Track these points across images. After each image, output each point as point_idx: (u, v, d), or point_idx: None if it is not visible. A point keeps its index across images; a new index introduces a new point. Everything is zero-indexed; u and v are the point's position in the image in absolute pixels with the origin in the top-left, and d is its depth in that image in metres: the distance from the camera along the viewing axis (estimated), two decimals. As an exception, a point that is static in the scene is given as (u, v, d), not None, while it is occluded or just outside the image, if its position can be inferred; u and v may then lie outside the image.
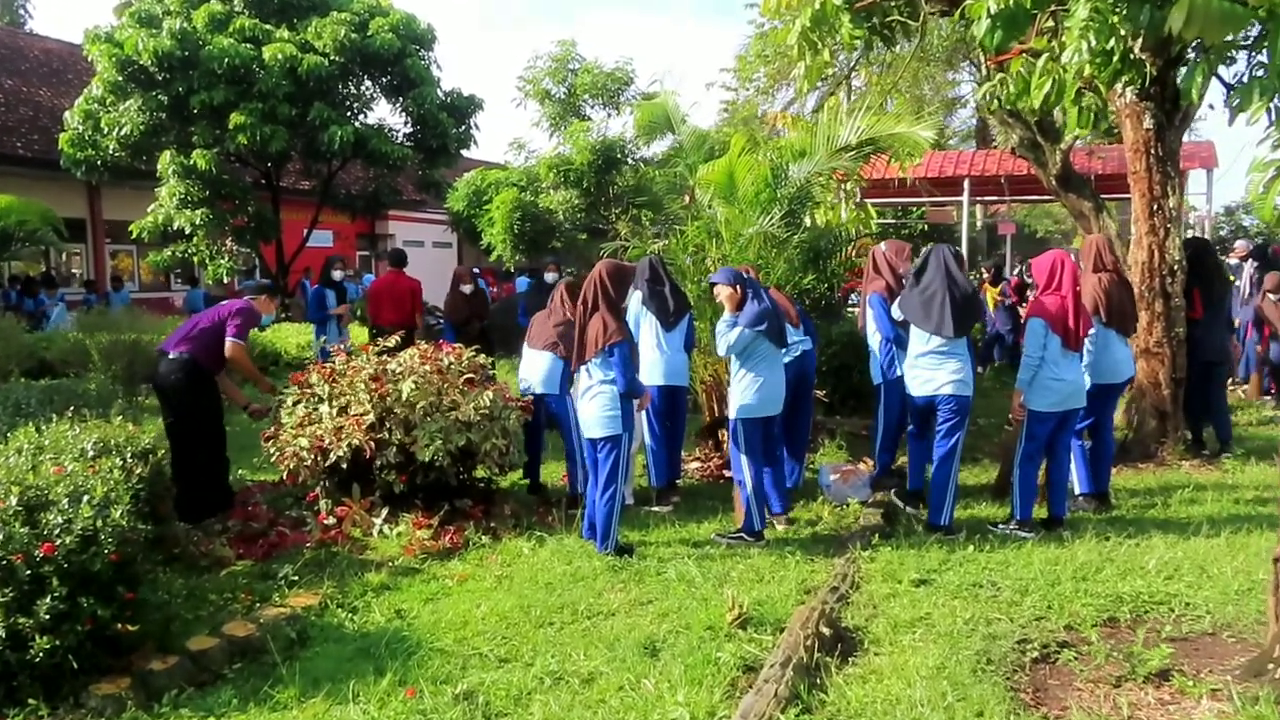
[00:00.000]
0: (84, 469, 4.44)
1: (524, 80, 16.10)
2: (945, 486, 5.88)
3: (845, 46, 9.35)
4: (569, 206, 15.02)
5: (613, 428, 5.45)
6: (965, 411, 5.91)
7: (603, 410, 5.47)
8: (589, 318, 5.47)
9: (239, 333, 6.25)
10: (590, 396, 5.52)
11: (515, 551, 5.65)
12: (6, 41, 22.50)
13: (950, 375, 5.82)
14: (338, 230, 22.84)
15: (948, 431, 5.87)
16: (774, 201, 7.41)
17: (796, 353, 6.32)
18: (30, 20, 35.44)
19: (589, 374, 5.51)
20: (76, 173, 15.92)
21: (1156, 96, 7.57)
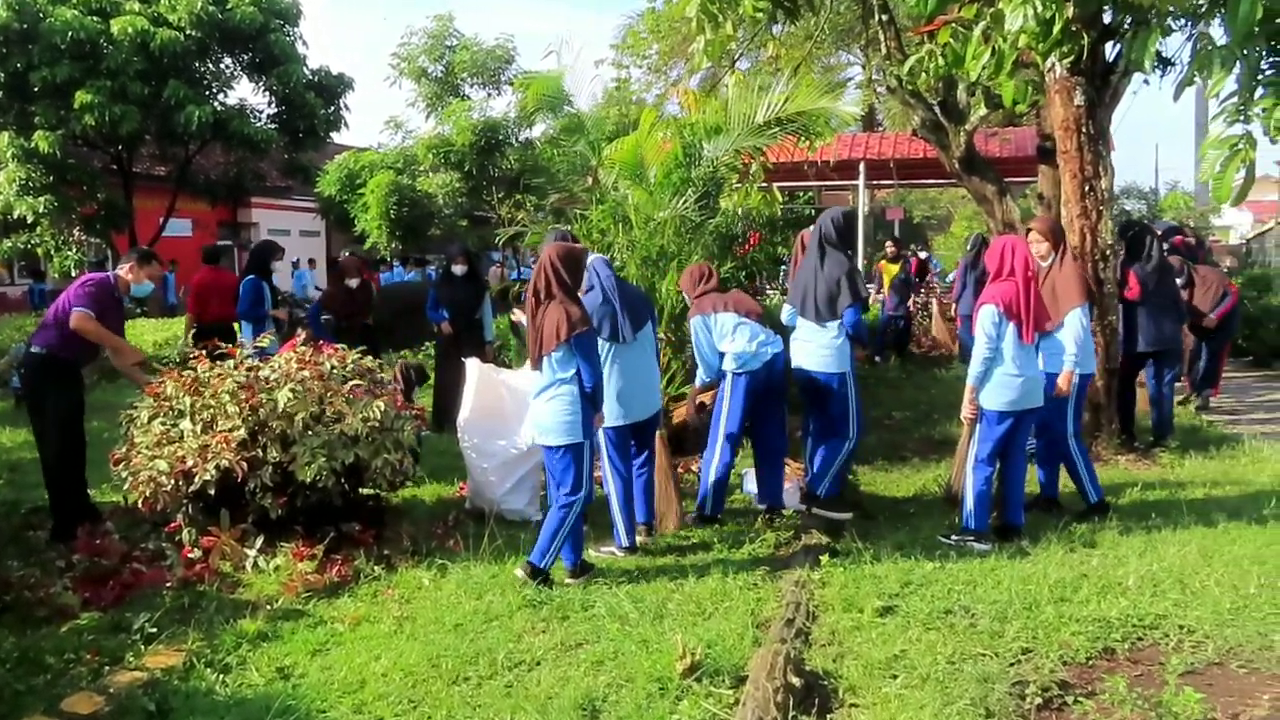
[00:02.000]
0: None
1: (398, 58, 15.14)
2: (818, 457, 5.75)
3: (747, 19, 8.89)
4: (449, 190, 14.18)
5: (572, 434, 4.82)
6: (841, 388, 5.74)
7: (562, 414, 4.82)
8: (543, 308, 4.82)
9: (86, 302, 5.53)
10: (547, 398, 4.86)
11: (414, 584, 4.93)
12: None
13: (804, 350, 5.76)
14: (197, 218, 21.32)
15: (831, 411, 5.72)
16: (687, 183, 6.85)
17: (766, 356, 5.77)
18: None
19: (548, 371, 4.85)
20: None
21: (1087, 71, 7.27)
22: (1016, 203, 11.46)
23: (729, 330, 5.81)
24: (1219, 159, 5.86)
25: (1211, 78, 5.68)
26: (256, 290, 8.50)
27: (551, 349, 4.77)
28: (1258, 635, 4.07)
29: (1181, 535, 5.49)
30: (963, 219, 32.40)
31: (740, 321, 5.80)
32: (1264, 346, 12.81)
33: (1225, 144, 5.78)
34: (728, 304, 5.87)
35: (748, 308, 5.86)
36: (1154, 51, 5.90)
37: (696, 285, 6.05)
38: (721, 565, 5.14)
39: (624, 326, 5.33)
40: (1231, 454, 7.65)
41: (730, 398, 5.86)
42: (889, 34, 9.98)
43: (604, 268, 5.49)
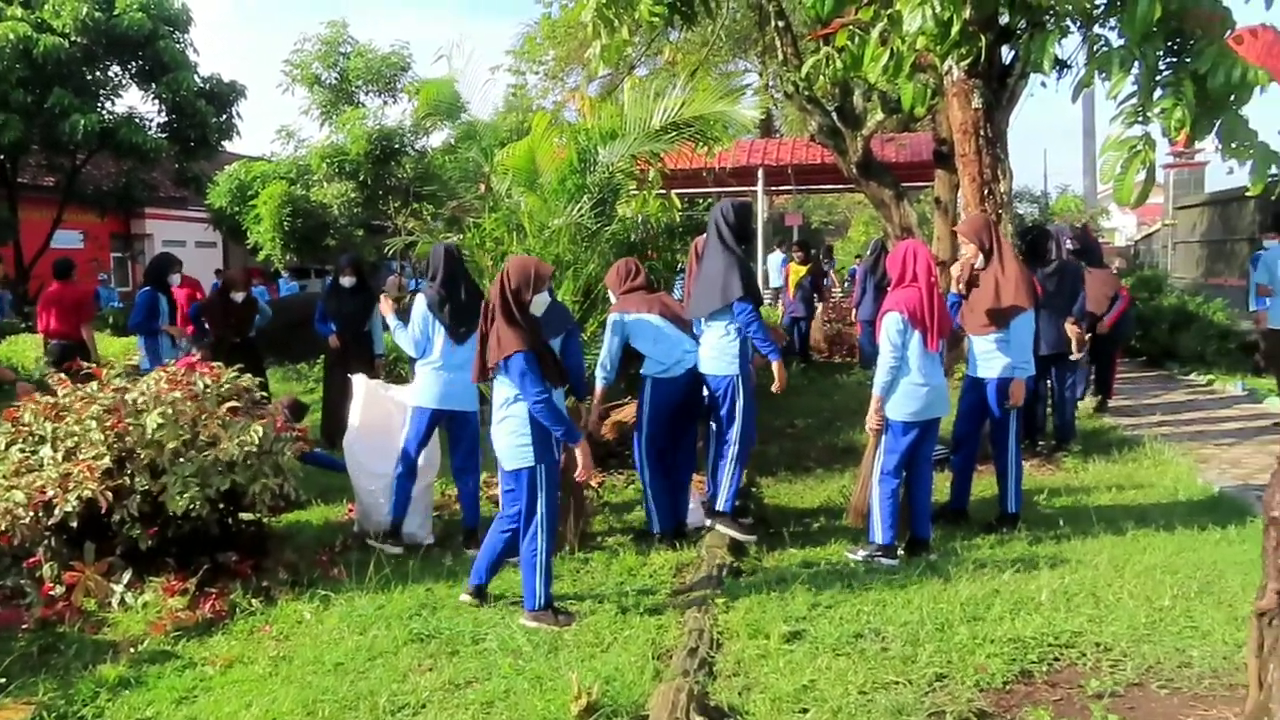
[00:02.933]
0: None
1: (291, 64, 14.61)
2: (724, 468, 5.55)
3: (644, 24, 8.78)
4: (344, 200, 13.73)
5: (524, 458, 4.51)
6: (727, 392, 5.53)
7: (513, 437, 4.52)
8: (490, 324, 4.56)
9: None
10: (498, 419, 4.58)
11: (294, 618, 4.64)
12: None
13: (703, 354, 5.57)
14: (87, 230, 20.37)
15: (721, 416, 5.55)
16: (582, 189, 6.67)
17: (689, 363, 5.60)
18: None
19: (498, 389, 4.59)
20: None
21: (984, 74, 7.28)
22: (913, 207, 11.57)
23: (650, 334, 5.66)
24: (1119, 160, 5.80)
25: (1111, 78, 5.61)
26: (151, 303, 8.10)
27: (491, 370, 4.56)
28: (1175, 651, 3.92)
29: (1092, 545, 5.41)
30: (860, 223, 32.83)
31: (664, 325, 5.64)
32: (1156, 347, 13.04)
33: (1125, 145, 5.69)
34: (653, 306, 5.69)
35: (674, 312, 5.69)
36: (1052, 53, 5.91)
37: (623, 282, 5.86)
38: (620, 591, 4.94)
39: None
40: (1133, 457, 7.67)
41: (649, 404, 5.71)
42: (785, 39, 9.98)
43: None
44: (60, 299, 8.83)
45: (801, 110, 10.86)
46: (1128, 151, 5.63)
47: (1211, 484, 6.84)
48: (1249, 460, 7.71)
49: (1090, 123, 25.27)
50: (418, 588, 4.95)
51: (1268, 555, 2.92)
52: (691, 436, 5.89)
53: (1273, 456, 7.56)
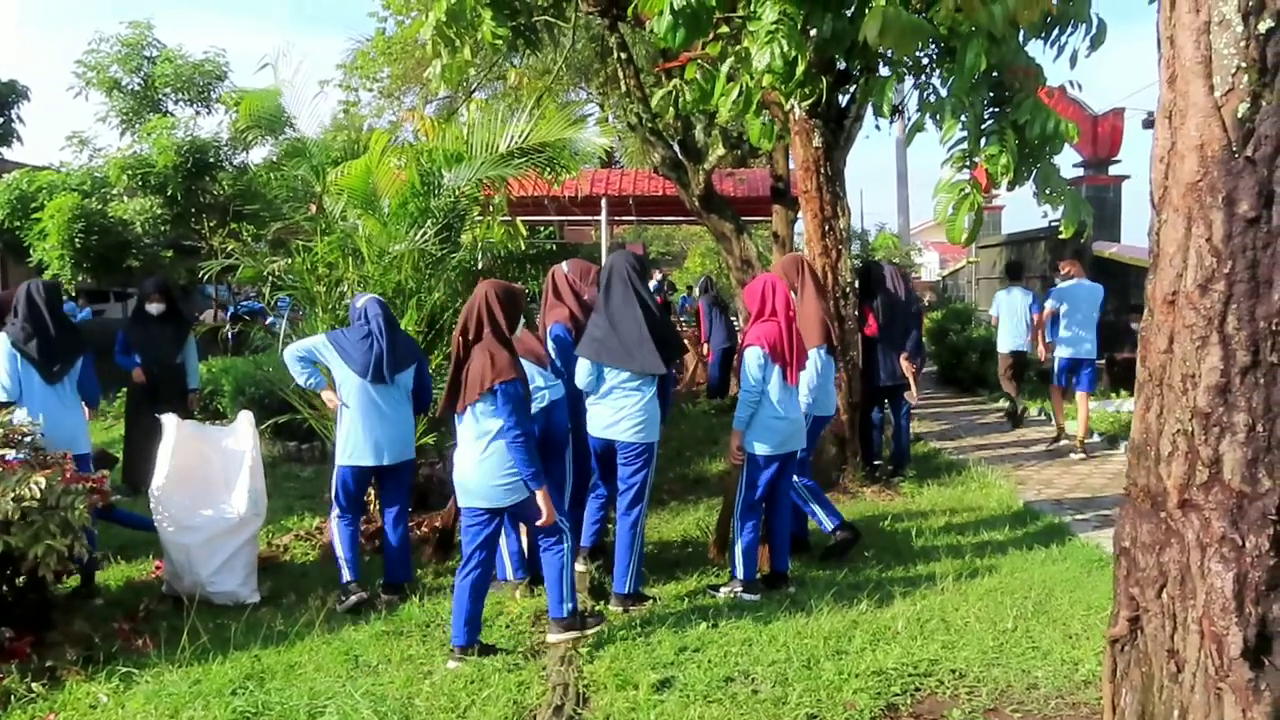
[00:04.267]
0: None
1: (85, 66, 13.24)
2: (631, 546, 5.06)
3: (486, 45, 8.43)
4: (149, 217, 12.48)
5: (510, 495, 4.32)
6: (645, 460, 5.11)
7: (496, 475, 4.29)
8: (468, 351, 4.31)
9: None
10: (476, 458, 4.30)
11: (88, 703, 3.91)
12: None
13: (632, 416, 5.01)
14: None
15: (629, 479, 5.08)
16: (426, 214, 6.19)
17: (543, 401, 5.11)
18: None
19: (470, 424, 4.32)
20: None
21: (824, 115, 7.40)
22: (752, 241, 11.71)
23: None
24: (951, 202, 6.19)
25: (943, 124, 5.96)
26: None
27: (475, 399, 4.25)
28: (1022, 674, 4.09)
29: (936, 568, 5.59)
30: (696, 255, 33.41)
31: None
32: (969, 374, 13.94)
33: (955, 189, 6.15)
34: None
35: (526, 347, 5.26)
36: (890, 98, 6.08)
37: None
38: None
39: (387, 365, 5.09)
40: (961, 480, 8.08)
41: None
42: (628, 71, 9.88)
43: (375, 307, 5.19)
44: None
45: (645, 143, 10.77)
46: (958, 194, 5.95)
47: (1032, 505, 7.29)
48: (1059, 480, 8.30)
49: (903, 167, 26.73)
50: (241, 656, 4.33)
51: (1119, 584, 3.03)
52: (555, 479, 5.49)
53: (1076, 476, 8.22)
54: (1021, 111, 5.90)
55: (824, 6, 5.87)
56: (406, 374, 5.27)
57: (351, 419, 5.11)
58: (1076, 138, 6.21)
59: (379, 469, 5.20)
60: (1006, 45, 5.81)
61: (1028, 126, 5.86)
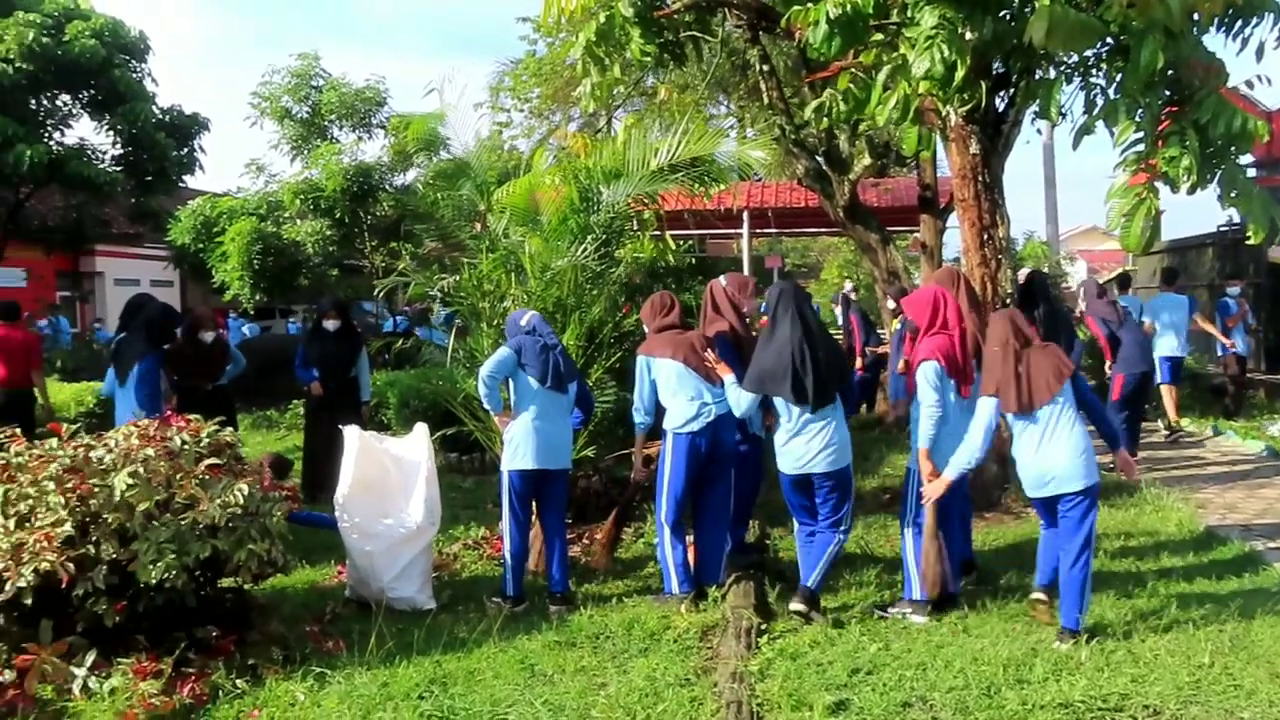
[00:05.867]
0: None
1: (259, 97, 14.15)
2: (824, 555, 5.07)
3: (635, 63, 8.55)
4: (319, 238, 13.21)
5: None
6: (845, 486, 5.10)
7: (1084, 448, 4.66)
8: (1028, 352, 4.77)
9: None
10: (1069, 440, 4.64)
11: (286, 700, 4.13)
12: None
13: (821, 448, 4.95)
14: (31, 267, 19.53)
15: (836, 507, 5.07)
16: (586, 230, 6.32)
17: (709, 417, 5.20)
18: None
19: (1054, 416, 4.68)
20: None
21: (981, 120, 7.19)
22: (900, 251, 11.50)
23: (672, 382, 5.30)
24: (1126, 207, 5.87)
25: (1117, 126, 5.68)
26: (155, 371, 6.81)
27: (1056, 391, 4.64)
28: (1226, 714, 3.84)
29: (1115, 596, 5.30)
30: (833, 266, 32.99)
31: (684, 374, 5.27)
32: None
33: (1130, 194, 5.81)
34: (679, 350, 5.31)
35: (698, 361, 5.30)
36: (1058, 100, 5.85)
37: (655, 316, 5.53)
38: (646, 656, 4.56)
39: (566, 372, 5.35)
40: (1133, 502, 7.59)
41: (670, 460, 5.33)
42: (770, 84, 9.85)
43: (544, 323, 5.48)
44: (6, 344, 8.05)
45: (788, 154, 10.71)
46: (1133, 199, 5.63)
47: (1216, 530, 6.78)
48: (1244, 504, 7.70)
49: (1051, 171, 25.61)
50: (424, 661, 4.49)
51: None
52: (720, 495, 5.51)
53: (1263, 500, 7.66)
54: (1203, 110, 5.56)
55: (984, 9, 5.71)
56: (573, 385, 5.45)
57: (523, 425, 5.28)
58: (1267, 136, 5.84)
59: (542, 475, 5.34)
60: (1184, 40, 5.52)
61: (1210, 126, 5.53)
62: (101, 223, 16.81)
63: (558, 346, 5.37)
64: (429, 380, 8.82)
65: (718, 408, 5.22)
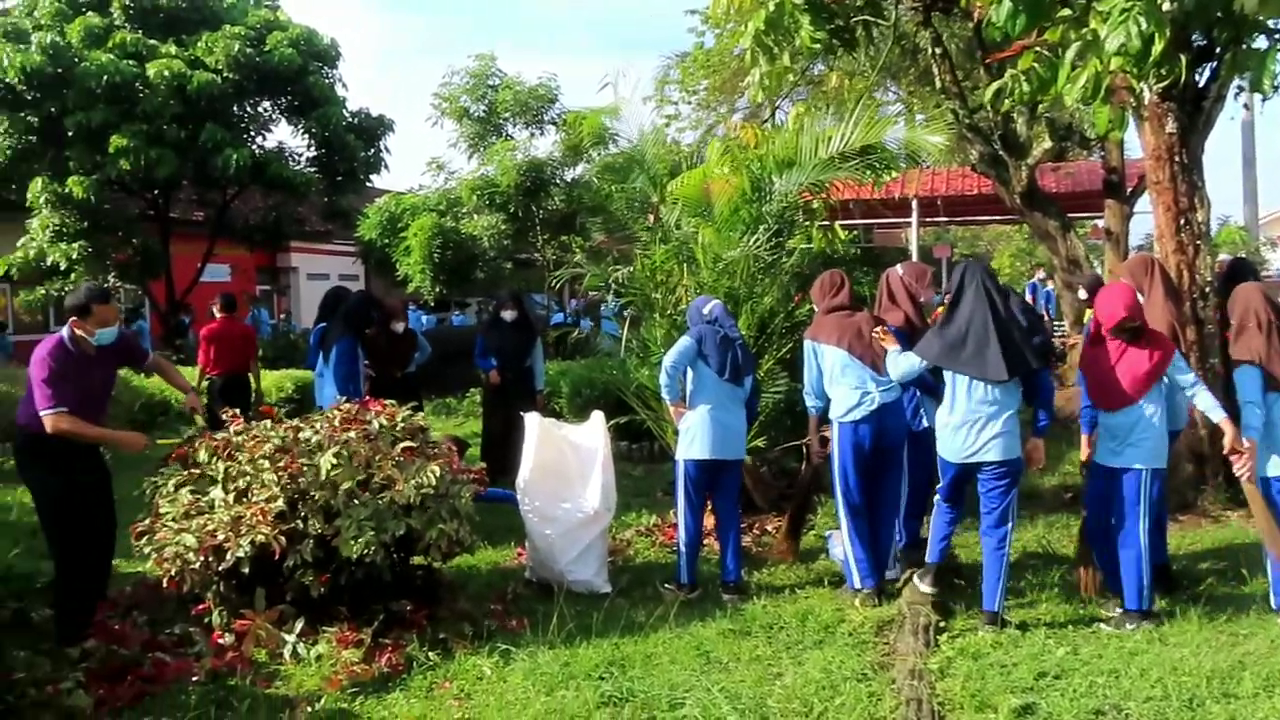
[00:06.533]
0: None
1: (440, 98, 14.79)
2: (1000, 565, 4.84)
3: (804, 51, 8.45)
4: (494, 232, 13.73)
5: None
6: (1016, 477, 4.89)
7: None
8: None
9: (51, 400, 4.53)
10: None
11: (474, 674, 4.34)
12: None
13: (994, 435, 4.76)
14: (235, 263, 21.07)
15: (998, 498, 4.86)
16: (758, 219, 6.32)
17: (872, 405, 5.15)
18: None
19: None
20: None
21: (1178, 97, 6.75)
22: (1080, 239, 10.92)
23: (835, 370, 5.25)
24: None
25: None
26: (353, 352, 7.11)
27: None
28: None
29: None
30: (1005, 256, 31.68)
31: (848, 362, 5.21)
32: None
33: None
34: (844, 336, 5.23)
35: (863, 349, 5.23)
36: (1273, 72, 5.43)
37: (824, 296, 5.46)
38: (821, 648, 4.54)
39: (744, 365, 5.37)
40: None
41: (837, 450, 5.28)
42: (943, 67, 9.52)
43: (727, 315, 5.51)
44: (227, 334, 8.75)
45: (961, 140, 10.33)
46: None
47: None
48: None
49: (1251, 150, 23.56)
50: (602, 643, 4.61)
51: None
52: (893, 486, 5.42)
53: None
54: None
55: (1186, -22, 5.36)
56: (749, 378, 5.47)
57: (699, 415, 5.32)
58: None
59: (716, 465, 5.38)
60: None
61: None
62: (297, 221, 17.90)
63: (738, 339, 5.38)
64: (601, 370, 9.04)
65: (881, 396, 5.12)
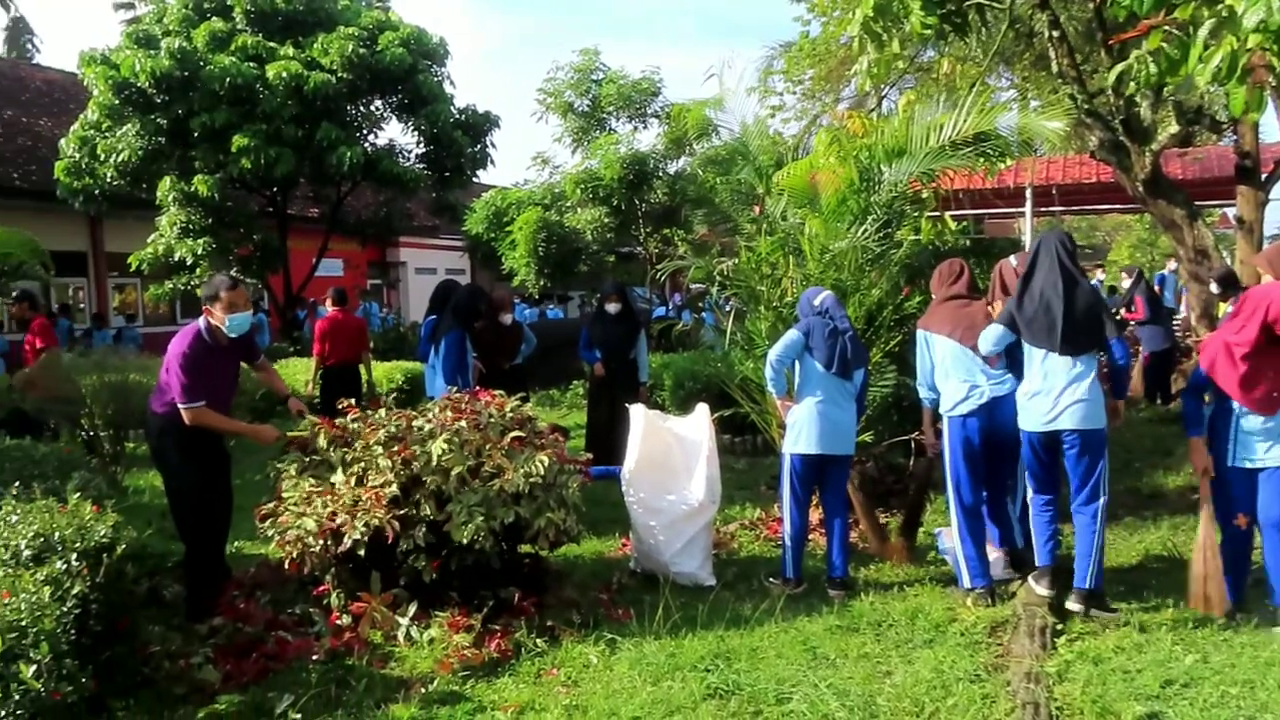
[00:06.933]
0: (10, 583, 3.29)
1: (544, 93, 14.97)
2: (1092, 540, 4.71)
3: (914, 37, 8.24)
4: (598, 225, 13.83)
5: None
6: (1100, 448, 4.72)
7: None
8: None
9: (191, 394, 4.78)
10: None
11: (581, 662, 4.38)
12: (7, 72, 21.73)
13: (1071, 402, 4.66)
14: (348, 258, 21.77)
15: (1084, 473, 4.73)
16: (866, 211, 6.20)
17: (981, 398, 5.03)
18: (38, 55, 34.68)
19: None
20: (74, 203, 14.92)
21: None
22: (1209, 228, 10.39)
23: (946, 362, 5.13)
24: None
25: None
26: (461, 344, 7.15)
27: None
28: None
29: None
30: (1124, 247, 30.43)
31: (959, 354, 5.08)
32: None
33: None
34: (957, 326, 5.12)
35: (974, 340, 5.06)
36: None
37: (942, 284, 5.36)
38: (931, 648, 4.44)
39: (854, 359, 5.24)
40: None
41: (948, 447, 5.17)
42: (1061, 50, 9.17)
43: (838, 305, 5.38)
44: (341, 327, 9.10)
45: (1080, 125, 9.93)
46: None
47: None
48: None
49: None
50: (708, 635, 4.60)
51: None
52: (1001, 484, 5.27)
53: None
54: None
55: (1338, -56, 5.02)
56: (860, 372, 5.35)
57: (806, 409, 5.25)
58: None
59: (823, 459, 5.31)
60: None
61: None
62: (406, 216, 18.36)
63: (848, 331, 5.26)
64: (705, 363, 9.01)
65: (992, 389, 4.97)
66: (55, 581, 3.38)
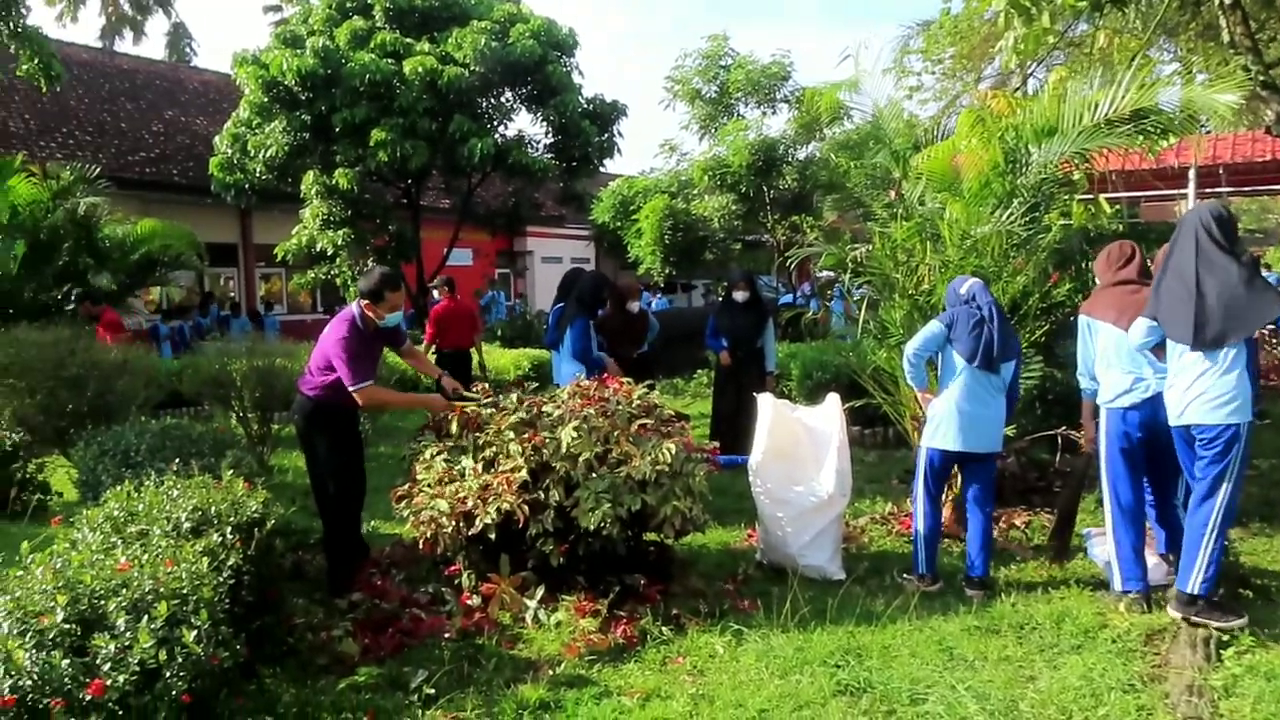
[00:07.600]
0: (172, 552, 3.46)
1: (672, 80, 14.90)
2: (1201, 541, 4.37)
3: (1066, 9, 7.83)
4: (725, 213, 13.68)
5: None
6: (1227, 447, 4.31)
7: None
8: None
9: (358, 376, 4.98)
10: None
11: (707, 651, 4.33)
12: (168, 75, 23.13)
13: (1196, 395, 4.33)
14: (477, 247, 22.25)
15: (1205, 468, 4.38)
16: (1012, 194, 5.90)
17: (1146, 392, 4.72)
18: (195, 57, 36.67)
19: None
20: (226, 197, 15.72)
21: None
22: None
23: (1109, 350, 4.84)
24: None
25: None
26: (587, 330, 7.17)
27: None
28: None
29: None
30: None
31: (1123, 342, 4.77)
32: None
33: None
34: (1124, 313, 4.78)
35: None
36: None
37: (1109, 268, 5.05)
38: (1079, 653, 4.20)
39: (997, 352, 4.96)
40: None
41: (1105, 441, 4.88)
42: (1233, 18, 8.55)
43: (985, 294, 5.10)
44: (454, 314, 9.58)
45: (1254, 99, 9.24)
46: None
47: None
48: None
49: None
50: (838, 629, 4.49)
51: None
52: (1159, 484, 4.94)
53: None
54: None
55: None
56: (1009, 365, 5.08)
57: (948, 403, 5.04)
58: None
59: (964, 456, 5.09)
60: None
61: None
62: (534, 206, 18.61)
63: (995, 320, 4.97)
64: (834, 352, 8.80)
65: (1159, 383, 4.63)
66: (212, 553, 3.52)
